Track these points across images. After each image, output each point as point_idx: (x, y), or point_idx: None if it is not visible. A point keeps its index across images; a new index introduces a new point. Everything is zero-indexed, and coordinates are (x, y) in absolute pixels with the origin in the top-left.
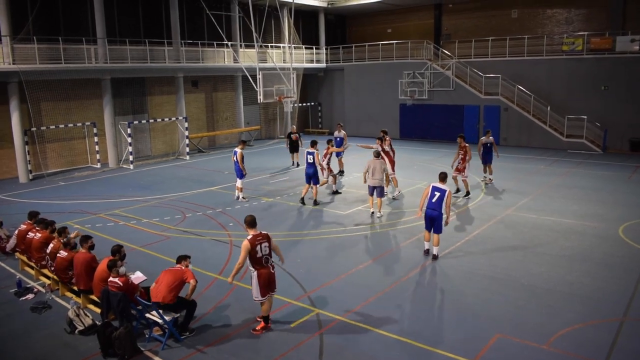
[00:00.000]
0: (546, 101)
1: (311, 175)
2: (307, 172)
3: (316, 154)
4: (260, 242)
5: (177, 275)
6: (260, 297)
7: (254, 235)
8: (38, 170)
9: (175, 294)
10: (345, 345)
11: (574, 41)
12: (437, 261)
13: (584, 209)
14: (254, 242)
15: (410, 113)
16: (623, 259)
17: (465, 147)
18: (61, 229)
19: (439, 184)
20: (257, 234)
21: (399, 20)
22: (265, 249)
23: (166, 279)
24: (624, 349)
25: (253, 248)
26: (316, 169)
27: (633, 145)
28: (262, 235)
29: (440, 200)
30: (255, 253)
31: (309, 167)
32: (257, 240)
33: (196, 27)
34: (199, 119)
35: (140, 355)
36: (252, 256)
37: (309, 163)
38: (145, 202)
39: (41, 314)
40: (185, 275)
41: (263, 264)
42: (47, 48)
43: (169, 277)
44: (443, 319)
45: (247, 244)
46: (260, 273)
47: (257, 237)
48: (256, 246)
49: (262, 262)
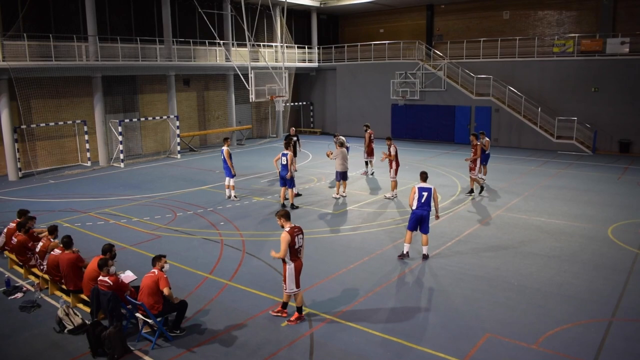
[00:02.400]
0: (537, 102)
1: (285, 178)
2: (282, 175)
3: (289, 156)
4: (297, 234)
5: (153, 280)
6: (294, 288)
7: (291, 228)
8: (28, 169)
9: (158, 299)
10: (335, 344)
11: (565, 43)
12: (427, 261)
13: (574, 209)
14: (293, 234)
15: (402, 113)
16: (612, 260)
17: (476, 146)
18: (52, 228)
19: (422, 184)
20: (294, 226)
21: (391, 21)
22: (300, 241)
23: (146, 286)
24: (612, 349)
25: (292, 239)
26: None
27: (622, 146)
28: (298, 228)
29: (429, 199)
30: (294, 244)
31: (283, 170)
32: (295, 232)
33: (188, 25)
34: (191, 117)
35: (130, 354)
36: (291, 247)
37: (283, 165)
38: (135, 201)
39: (30, 313)
40: (159, 282)
41: (297, 255)
42: (38, 45)
43: (147, 283)
44: (433, 318)
45: (286, 235)
46: (297, 265)
47: (295, 229)
48: (295, 237)
49: (297, 253)
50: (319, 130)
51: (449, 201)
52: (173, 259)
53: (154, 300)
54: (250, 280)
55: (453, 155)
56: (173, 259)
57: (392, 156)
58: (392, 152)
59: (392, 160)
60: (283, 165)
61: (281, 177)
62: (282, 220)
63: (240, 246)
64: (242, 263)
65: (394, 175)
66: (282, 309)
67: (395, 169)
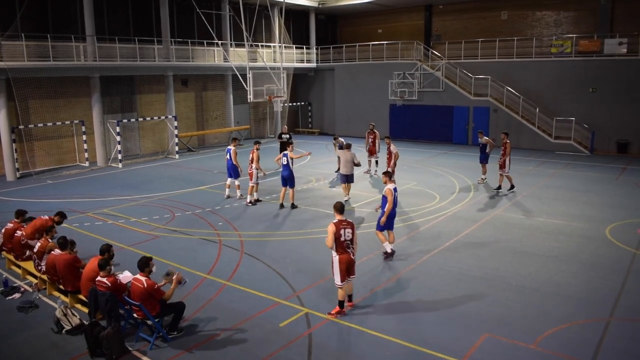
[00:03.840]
0: (535, 103)
1: (286, 178)
2: (282, 175)
3: (290, 154)
4: (344, 227)
5: (141, 291)
6: (339, 281)
7: (339, 220)
8: (25, 169)
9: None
10: (334, 344)
11: (563, 43)
12: (427, 261)
13: (572, 209)
14: (339, 226)
15: (400, 113)
16: (610, 260)
17: (506, 144)
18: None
19: (391, 184)
20: (343, 219)
21: (389, 21)
22: (348, 235)
23: (137, 294)
24: (610, 349)
25: (337, 231)
26: (291, 171)
27: (620, 146)
28: (347, 222)
29: (396, 199)
30: (340, 236)
31: (284, 170)
32: (342, 225)
33: (186, 25)
34: (189, 118)
35: (128, 355)
36: (337, 239)
37: (284, 165)
38: (133, 201)
39: (28, 314)
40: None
41: (345, 249)
42: (36, 45)
43: (137, 292)
44: (432, 318)
45: (332, 226)
46: (341, 258)
47: (342, 222)
48: (340, 230)
49: (344, 246)
50: (317, 131)
51: (447, 201)
52: (171, 260)
53: (150, 304)
54: (249, 280)
55: (451, 156)
56: (171, 260)
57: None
58: (394, 150)
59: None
60: (284, 165)
61: (282, 177)
62: (334, 211)
63: (239, 247)
64: (241, 263)
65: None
66: (340, 308)
67: (392, 168)
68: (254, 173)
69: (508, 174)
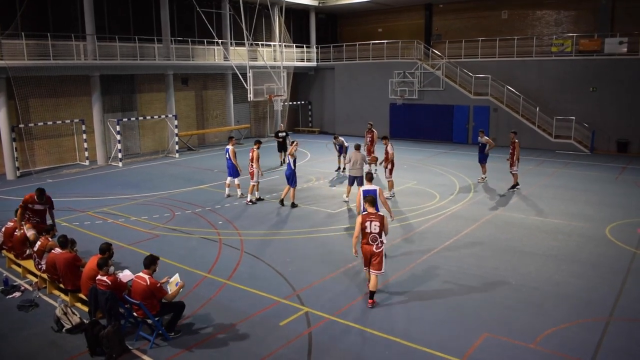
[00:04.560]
0: (535, 102)
1: (287, 177)
2: (286, 174)
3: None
4: (371, 220)
5: (144, 289)
6: (364, 267)
7: (368, 213)
8: (26, 168)
9: (152, 301)
10: (333, 343)
11: (563, 42)
12: (426, 260)
13: (572, 209)
14: (366, 219)
15: (400, 113)
16: (609, 259)
17: (514, 143)
18: (48, 227)
19: (367, 186)
20: (372, 212)
21: (389, 20)
22: (375, 227)
23: (139, 291)
24: (609, 348)
25: (363, 222)
26: (293, 170)
27: (620, 146)
28: (375, 215)
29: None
30: (365, 228)
31: (288, 169)
32: (370, 218)
33: (186, 24)
34: (189, 116)
35: (128, 354)
36: (362, 230)
37: (288, 164)
38: (134, 200)
39: (28, 312)
40: (157, 294)
41: (369, 241)
42: (36, 44)
43: (140, 290)
44: (431, 318)
45: (359, 218)
46: (364, 248)
47: (371, 215)
48: (366, 222)
49: (368, 238)
50: (317, 130)
51: (447, 200)
52: (171, 259)
53: (150, 303)
54: (249, 279)
55: (451, 155)
56: (171, 259)
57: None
58: (390, 151)
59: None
60: (287, 163)
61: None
62: (366, 204)
63: (239, 245)
64: (241, 262)
65: (389, 175)
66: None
67: (390, 168)
68: (255, 172)
69: (516, 172)
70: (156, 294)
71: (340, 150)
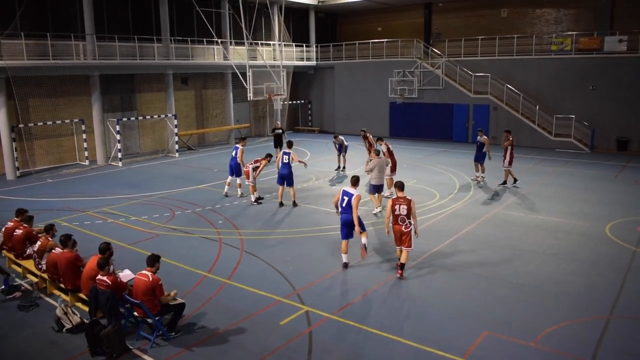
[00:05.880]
0: (535, 100)
1: (285, 177)
2: (281, 173)
3: (292, 155)
4: (400, 204)
5: (147, 286)
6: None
7: (397, 197)
8: (25, 167)
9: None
10: (334, 342)
11: (563, 41)
12: (426, 260)
13: (572, 207)
14: (395, 202)
15: (400, 111)
16: (610, 257)
17: (509, 141)
18: (48, 227)
19: (349, 188)
20: (401, 196)
21: (389, 19)
22: (403, 210)
23: (141, 288)
24: (610, 346)
25: (392, 206)
26: (291, 170)
27: (620, 144)
28: (404, 199)
29: (349, 204)
30: (394, 210)
31: (283, 168)
32: (398, 202)
33: (186, 24)
34: (189, 116)
35: (128, 353)
36: (392, 212)
37: (284, 163)
38: (134, 200)
39: (29, 312)
40: (156, 290)
41: (398, 222)
42: (35, 44)
43: (142, 288)
44: (432, 316)
45: (389, 202)
46: (394, 227)
47: (399, 199)
48: (395, 205)
49: (397, 219)
50: (317, 129)
51: (447, 199)
52: (171, 258)
53: (151, 301)
54: (249, 279)
55: (451, 154)
56: (171, 258)
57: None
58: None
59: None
60: (284, 163)
61: (279, 175)
62: (396, 190)
63: (239, 245)
64: (241, 262)
65: (390, 173)
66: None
67: (391, 167)
68: (250, 172)
69: (508, 168)
70: (157, 291)
71: (340, 150)
